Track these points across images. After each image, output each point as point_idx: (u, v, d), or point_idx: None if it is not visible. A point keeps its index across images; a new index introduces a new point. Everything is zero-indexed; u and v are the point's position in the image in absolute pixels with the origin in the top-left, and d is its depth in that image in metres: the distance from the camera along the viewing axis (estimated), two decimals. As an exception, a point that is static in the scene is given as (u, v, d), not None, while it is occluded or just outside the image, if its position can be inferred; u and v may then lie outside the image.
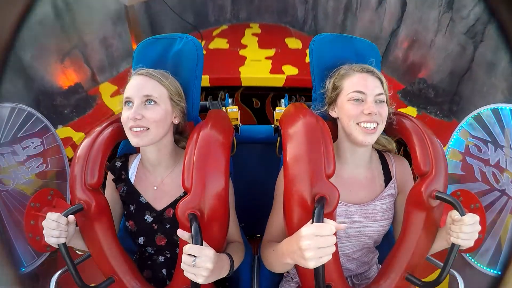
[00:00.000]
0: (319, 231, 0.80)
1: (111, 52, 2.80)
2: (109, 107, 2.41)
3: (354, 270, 1.24)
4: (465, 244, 0.94)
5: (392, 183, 1.21)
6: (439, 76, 2.37)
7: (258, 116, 3.00)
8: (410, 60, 2.59)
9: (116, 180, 1.23)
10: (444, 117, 2.30)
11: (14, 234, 1.21)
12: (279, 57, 2.93)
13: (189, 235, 0.91)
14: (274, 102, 2.90)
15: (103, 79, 2.72)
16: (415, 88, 2.46)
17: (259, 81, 2.71)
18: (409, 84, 2.51)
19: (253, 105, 2.93)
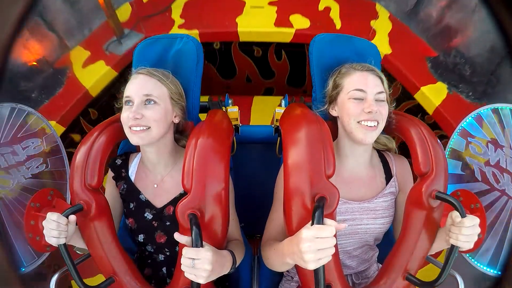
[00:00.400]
0: (319, 233, 0.81)
1: (79, 8, 2.33)
2: (82, 82, 2.12)
3: (355, 268, 1.24)
4: (464, 246, 0.95)
5: (393, 181, 1.21)
6: (477, 50, 2.00)
7: (259, 65, 2.66)
8: (445, 22, 2.16)
9: (116, 178, 1.23)
10: (476, 99, 2.00)
11: (14, 234, 1.21)
12: (286, 4, 2.38)
13: (186, 239, 0.92)
14: (279, 53, 2.54)
15: (74, 43, 2.33)
16: (450, 61, 2.07)
17: (261, 36, 2.29)
18: (443, 54, 2.11)
19: (254, 54, 2.59)
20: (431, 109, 2.06)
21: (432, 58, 2.18)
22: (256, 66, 2.69)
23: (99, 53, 2.29)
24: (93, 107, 2.32)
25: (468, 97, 2.04)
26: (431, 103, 2.05)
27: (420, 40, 2.25)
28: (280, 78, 2.84)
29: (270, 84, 2.85)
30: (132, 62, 1.36)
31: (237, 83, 2.88)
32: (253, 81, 2.86)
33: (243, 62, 2.70)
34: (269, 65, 2.68)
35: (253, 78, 2.85)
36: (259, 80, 2.83)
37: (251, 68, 2.73)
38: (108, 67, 2.21)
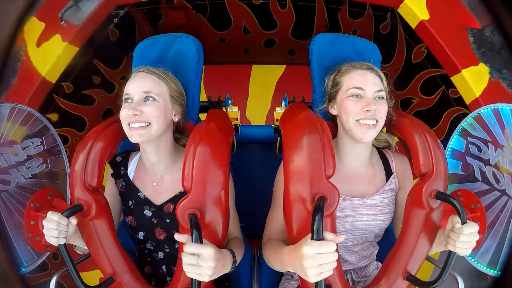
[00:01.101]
0: (320, 249, 0.81)
1: None
2: (37, 68, 1.81)
3: (354, 263, 1.24)
4: (462, 252, 0.95)
5: (393, 178, 1.21)
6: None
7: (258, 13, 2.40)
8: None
9: (115, 176, 1.23)
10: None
11: (14, 234, 1.21)
12: None
13: (186, 237, 0.92)
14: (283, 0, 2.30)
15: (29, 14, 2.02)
16: (496, 40, 1.74)
17: None
18: (489, 28, 1.77)
19: (253, 1, 2.31)
20: (469, 99, 1.77)
21: (475, 32, 1.81)
22: (256, 16, 2.39)
23: (54, 23, 1.90)
24: (66, 81, 2.06)
25: (509, 86, 1.77)
26: (471, 92, 1.74)
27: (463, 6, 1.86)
28: (283, 29, 2.52)
29: (271, 35, 2.59)
30: (132, 61, 1.36)
31: (232, 34, 2.58)
32: (251, 32, 2.54)
33: (239, 12, 2.37)
34: (271, 15, 2.37)
35: (252, 29, 2.53)
36: (259, 31, 2.54)
37: (249, 19, 2.43)
38: (65, 43, 1.87)
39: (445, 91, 2.03)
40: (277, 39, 2.66)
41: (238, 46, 2.77)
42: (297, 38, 2.61)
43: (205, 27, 2.53)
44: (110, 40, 2.28)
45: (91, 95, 2.33)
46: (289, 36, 2.60)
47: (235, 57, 2.82)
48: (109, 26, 2.19)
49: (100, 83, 2.36)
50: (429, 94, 2.13)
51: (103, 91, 2.37)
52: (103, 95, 2.37)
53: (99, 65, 2.34)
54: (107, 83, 2.39)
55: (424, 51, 2.08)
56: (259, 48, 2.74)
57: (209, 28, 2.55)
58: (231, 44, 2.70)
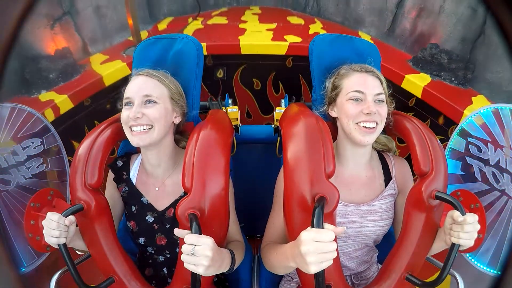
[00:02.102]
0: (318, 236, 0.81)
1: (105, 23, 2.63)
2: (98, 72, 2.30)
3: (355, 269, 1.24)
4: (466, 243, 0.95)
5: (392, 183, 1.21)
6: (451, 44, 2.25)
7: (258, 99, 2.84)
8: (418, 30, 2.46)
9: (117, 180, 1.23)
10: (459, 84, 2.15)
11: (14, 234, 1.21)
12: (281, 30, 2.75)
13: (185, 232, 0.92)
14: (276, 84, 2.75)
15: (95, 51, 2.56)
16: (427, 54, 2.30)
17: (260, 48, 2.54)
18: (420, 51, 2.35)
19: (254, 86, 2.80)
20: (419, 91, 2.14)
21: (412, 58, 2.40)
22: (256, 100, 2.85)
23: (116, 56, 2.51)
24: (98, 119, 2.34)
25: (452, 82, 2.18)
26: (418, 86, 2.14)
27: (400, 52, 2.56)
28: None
29: (269, 119, 2.97)
30: (132, 62, 1.36)
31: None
32: (253, 116, 2.98)
33: (243, 96, 2.84)
34: (267, 99, 2.82)
35: (253, 113, 2.98)
36: (259, 115, 2.98)
37: (251, 102, 2.86)
38: (124, 63, 2.36)
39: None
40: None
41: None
42: None
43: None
44: None
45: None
46: None
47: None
48: None
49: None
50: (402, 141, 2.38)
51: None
52: None
53: None
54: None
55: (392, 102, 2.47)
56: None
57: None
58: None
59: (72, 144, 2.02)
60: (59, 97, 2.04)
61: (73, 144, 2.03)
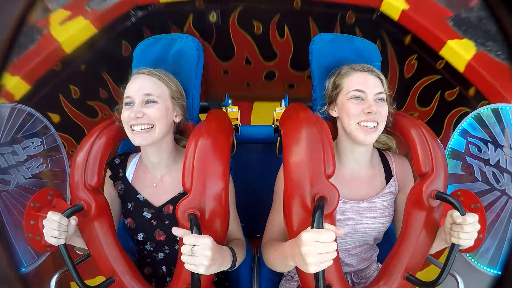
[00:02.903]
0: (319, 237, 0.81)
1: None
2: (55, 37, 1.89)
3: (354, 266, 1.24)
4: (466, 243, 0.95)
5: (393, 180, 1.21)
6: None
7: (260, 44, 2.50)
8: None
9: (113, 178, 1.23)
10: (504, 59, 1.79)
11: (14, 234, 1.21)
12: None
13: (183, 231, 0.92)
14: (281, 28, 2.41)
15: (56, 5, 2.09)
16: (473, 16, 1.90)
17: None
18: (464, 10, 1.97)
19: (254, 30, 2.43)
20: (462, 65, 1.80)
21: (453, 17, 1.98)
22: (257, 46, 2.50)
23: (80, 11, 2.05)
24: (74, 84, 2.09)
25: (497, 56, 1.84)
26: (461, 57, 1.80)
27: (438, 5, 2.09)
28: (282, 59, 2.64)
29: (271, 67, 2.71)
30: (132, 62, 1.36)
31: (235, 66, 2.69)
32: (253, 63, 2.68)
33: (242, 41, 2.50)
34: (270, 45, 2.49)
35: (253, 60, 2.66)
36: (260, 62, 2.67)
37: (251, 48, 2.53)
38: (87, 21, 1.95)
39: (442, 96, 2.09)
40: (277, 71, 2.74)
41: (241, 79, 2.81)
42: (296, 69, 2.70)
43: (210, 57, 2.60)
44: (122, 54, 2.27)
45: (95, 108, 2.29)
46: (288, 68, 2.69)
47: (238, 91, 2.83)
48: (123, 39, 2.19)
49: (106, 98, 2.32)
50: (426, 105, 2.21)
51: (108, 108, 2.31)
52: (107, 112, 2.31)
53: (108, 80, 2.31)
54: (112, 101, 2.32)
55: (415, 63, 2.20)
56: (260, 81, 2.80)
57: (214, 59, 2.64)
58: (234, 77, 2.75)
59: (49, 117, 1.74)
60: (11, 79, 1.68)
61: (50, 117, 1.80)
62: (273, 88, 2.86)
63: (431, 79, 2.15)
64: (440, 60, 1.96)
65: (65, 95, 2.06)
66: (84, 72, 2.12)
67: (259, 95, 2.88)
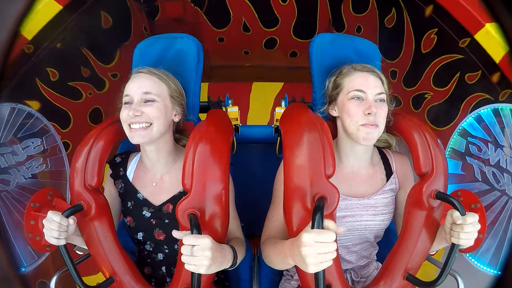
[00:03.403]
0: (319, 237, 0.81)
1: None
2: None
3: (354, 263, 1.24)
4: (466, 243, 0.95)
5: (393, 178, 1.21)
6: None
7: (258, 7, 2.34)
8: None
9: (114, 176, 1.23)
10: None
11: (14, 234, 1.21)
12: None
13: (183, 233, 0.92)
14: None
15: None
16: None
17: None
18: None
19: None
20: (499, 55, 1.56)
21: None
22: (256, 11, 2.31)
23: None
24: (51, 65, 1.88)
25: None
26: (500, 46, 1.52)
27: None
28: (285, 26, 2.45)
29: (272, 33, 2.53)
30: (132, 61, 1.36)
31: (231, 33, 2.51)
32: (251, 30, 2.48)
33: (239, 6, 2.31)
34: (271, 9, 2.30)
35: (252, 26, 2.46)
36: (259, 29, 2.49)
37: (249, 13, 2.34)
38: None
39: (462, 78, 1.83)
40: (278, 39, 2.59)
41: (238, 47, 2.68)
42: (299, 37, 2.54)
43: (203, 24, 2.43)
44: (102, 26, 2.09)
45: (79, 89, 2.06)
46: (291, 35, 2.53)
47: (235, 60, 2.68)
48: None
49: (89, 77, 2.11)
50: (443, 85, 1.93)
51: (92, 86, 2.12)
52: (92, 91, 2.12)
53: (89, 56, 2.10)
54: (97, 79, 2.15)
55: (434, 38, 1.94)
56: (259, 49, 2.66)
57: (207, 26, 2.46)
58: (230, 45, 2.61)
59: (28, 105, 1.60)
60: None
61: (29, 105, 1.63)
62: (273, 57, 2.69)
63: (452, 58, 1.87)
64: (465, 38, 1.72)
65: (42, 78, 1.85)
66: (60, 51, 1.88)
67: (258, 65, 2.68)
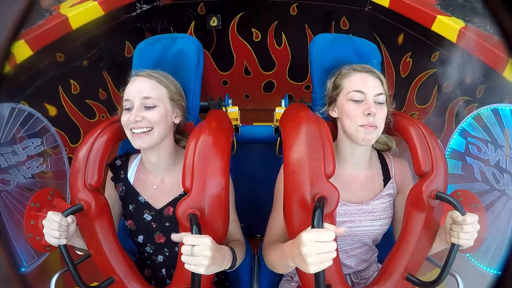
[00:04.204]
0: (318, 236, 0.81)
1: None
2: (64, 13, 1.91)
3: (354, 267, 1.24)
4: (466, 244, 0.95)
5: (391, 183, 1.21)
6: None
7: (258, 52, 2.58)
8: None
9: (114, 179, 1.23)
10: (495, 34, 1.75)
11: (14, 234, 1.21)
12: None
13: (183, 234, 0.92)
14: (279, 34, 2.47)
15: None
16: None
17: None
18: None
19: (253, 37, 2.51)
20: (454, 35, 1.80)
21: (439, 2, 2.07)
22: (256, 55, 2.60)
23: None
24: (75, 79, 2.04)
25: (487, 31, 1.85)
26: (452, 28, 1.81)
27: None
28: (281, 69, 2.72)
29: (270, 76, 2.75)
30: (132, 62, 1.36)
31: (235, 76, 2.74)
32: (252, 73, 2.74)
33: (241, 49, 2.59)
34: (269, 52, 2.58)
35: (252, 70, 2.73)
36: (258, 72, 2.73)
37: (250, 57, 2.62)
38: (95, 2, 1.96)
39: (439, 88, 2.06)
40: (275, 82, 2.80)
41: (240, 90, 2.84)
42: (293, 80, 2.77)
43: (209, 66, 2.63)
44: (125, 55, 2.25)
45: (94, 109, 2.24)
46: (286, 78, 2.75)
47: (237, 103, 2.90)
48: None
49: (105, 100, 2.27)
50: (425, 102, 2.20)
51: (106, 110, 2.28)
52: (105, 114, 2.28)
53: (108, 80, 2.28)
54: (111, 104, 2.30)
55: (410, 61, 2.24)
56: (259, 92, 2.85)
57: (213, 68, 2.68)
58: (233, 87, 2.78)
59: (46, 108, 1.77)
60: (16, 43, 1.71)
61: (47, 109, 1.79)
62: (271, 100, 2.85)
63: (428, 74, 2.16)
64: (435, 53, 1.98)
65: (65, 88, 2.01)
66: (86, 68, 2.09)
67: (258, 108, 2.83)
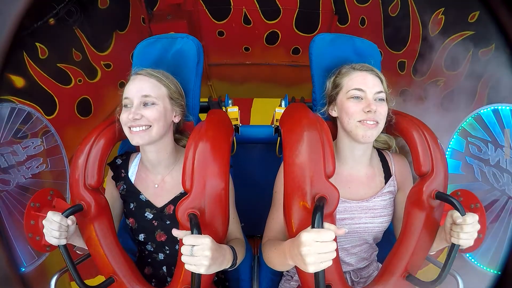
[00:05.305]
0: (318, 237, 0.81)
1: None
2: None
3: (354, 265, 1.24)
4: (466, 243, 0.95)
5: (392, 180, 1.21)
6: None
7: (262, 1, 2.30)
8: None
9: (115, 178, 1.23)
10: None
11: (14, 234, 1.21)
12: None
13: (184, 232, 0.92)
14: None
15: None
16: None
17: None
18: None
19: None
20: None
21: None
22: (257, 1, 2.31)
23: None
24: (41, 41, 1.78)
25: None
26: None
27: None
28: (287, 18, 2.39)
29: (274, 26, 2.45)
30: (132, 62, 1.36)
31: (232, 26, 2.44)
32: (252, 22, 2.42)
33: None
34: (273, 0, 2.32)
35: (253, 18, 2.40)
36: (260, 21, 2.41)
37: (250, 3, 2.32)
38: None
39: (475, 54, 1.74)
40: (280, 32, 2.52)
41: (238, 43, 2.58)
42: (301, 31, 2.47)
43: (202, 14, 2.36)
44: (98, 6, 1.97)
45: (68, 73, 1.94)
46: (293, 28, 2.46)
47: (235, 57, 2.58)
48: None
49: (81, 61, 1.98)
50: (456, 68, 1.85)
51: (83, 73, 1.99)
52: (82, 78, 1.99)
53: (81, 38, 1.97)
54: (88, 65, 2.02)
55: (442, 18, 1.92)
56: (261, 45, 2.58)
57: (207, 17, 2.39)
58: (230, 40, 2.52)
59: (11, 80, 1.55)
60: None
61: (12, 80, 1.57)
62: (275, 54, 2.61)
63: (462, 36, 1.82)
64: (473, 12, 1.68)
65: (30, 54, 1.72)
66: (53, 27, 1.77)
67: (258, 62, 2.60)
